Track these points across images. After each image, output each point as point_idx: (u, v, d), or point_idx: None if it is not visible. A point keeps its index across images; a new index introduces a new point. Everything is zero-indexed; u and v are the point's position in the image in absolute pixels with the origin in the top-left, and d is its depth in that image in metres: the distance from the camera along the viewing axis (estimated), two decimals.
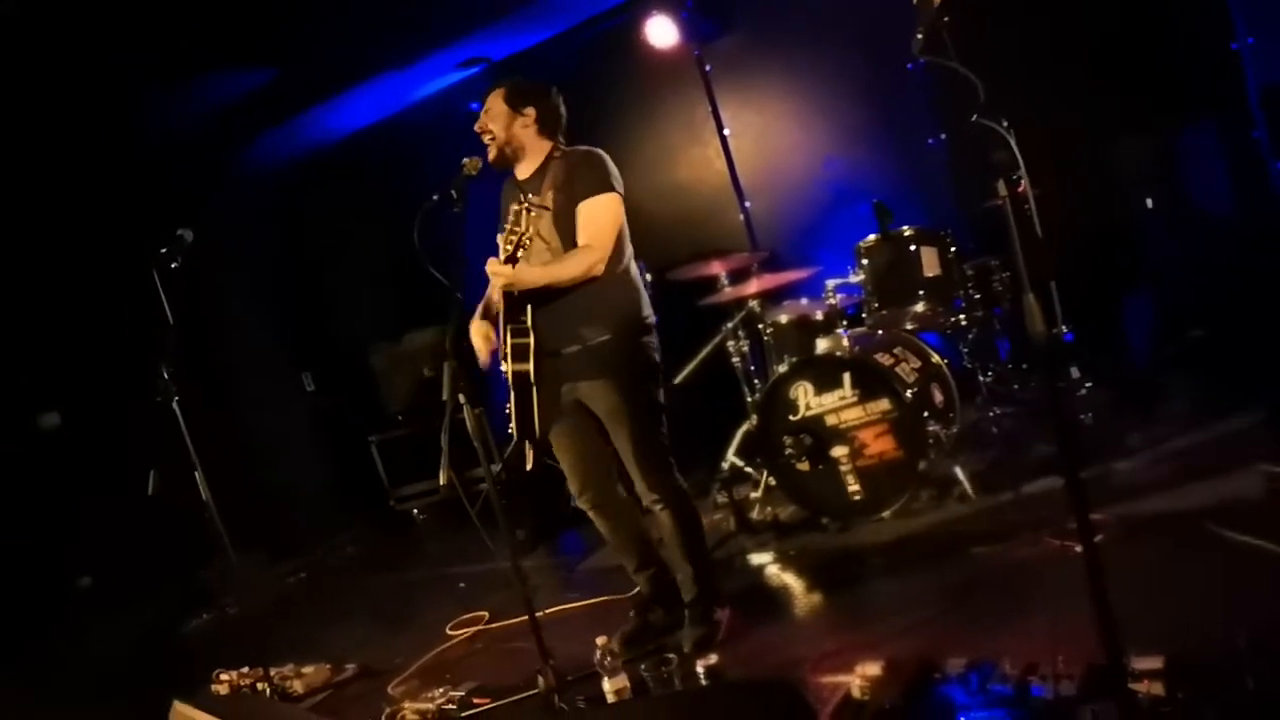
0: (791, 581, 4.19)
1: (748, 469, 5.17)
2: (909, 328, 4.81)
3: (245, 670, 4.46)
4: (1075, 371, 4.97)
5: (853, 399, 4.39)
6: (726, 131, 6.38)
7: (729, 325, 5.23)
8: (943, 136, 5.76)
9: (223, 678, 4.49)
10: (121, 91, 5.56)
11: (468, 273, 3.76)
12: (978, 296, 4.85)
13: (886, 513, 4.37)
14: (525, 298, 3.39)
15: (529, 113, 3.57)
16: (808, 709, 2.64)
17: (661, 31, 6.00)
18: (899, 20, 3.29)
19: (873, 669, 2.91)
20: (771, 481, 4.79)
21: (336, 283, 7.82)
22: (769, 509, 4.85)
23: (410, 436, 6.55)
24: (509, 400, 3.59)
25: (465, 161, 3.40)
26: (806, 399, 4.48)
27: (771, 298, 5.25)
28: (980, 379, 5.04)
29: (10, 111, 5.30)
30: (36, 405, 6.25)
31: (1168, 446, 4.18)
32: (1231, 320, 4.77)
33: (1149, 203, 5.29)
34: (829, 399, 4.43)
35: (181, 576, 6.11)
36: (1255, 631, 2.51)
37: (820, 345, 4.71)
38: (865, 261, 4.83)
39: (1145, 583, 2.99)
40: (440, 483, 3.17)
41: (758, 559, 4.47)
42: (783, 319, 4.95)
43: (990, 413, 4.93)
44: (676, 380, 5.60)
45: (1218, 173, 5.16)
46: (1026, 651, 2.77)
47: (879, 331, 4.82)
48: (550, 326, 3.45)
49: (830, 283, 4.85)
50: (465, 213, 3.23)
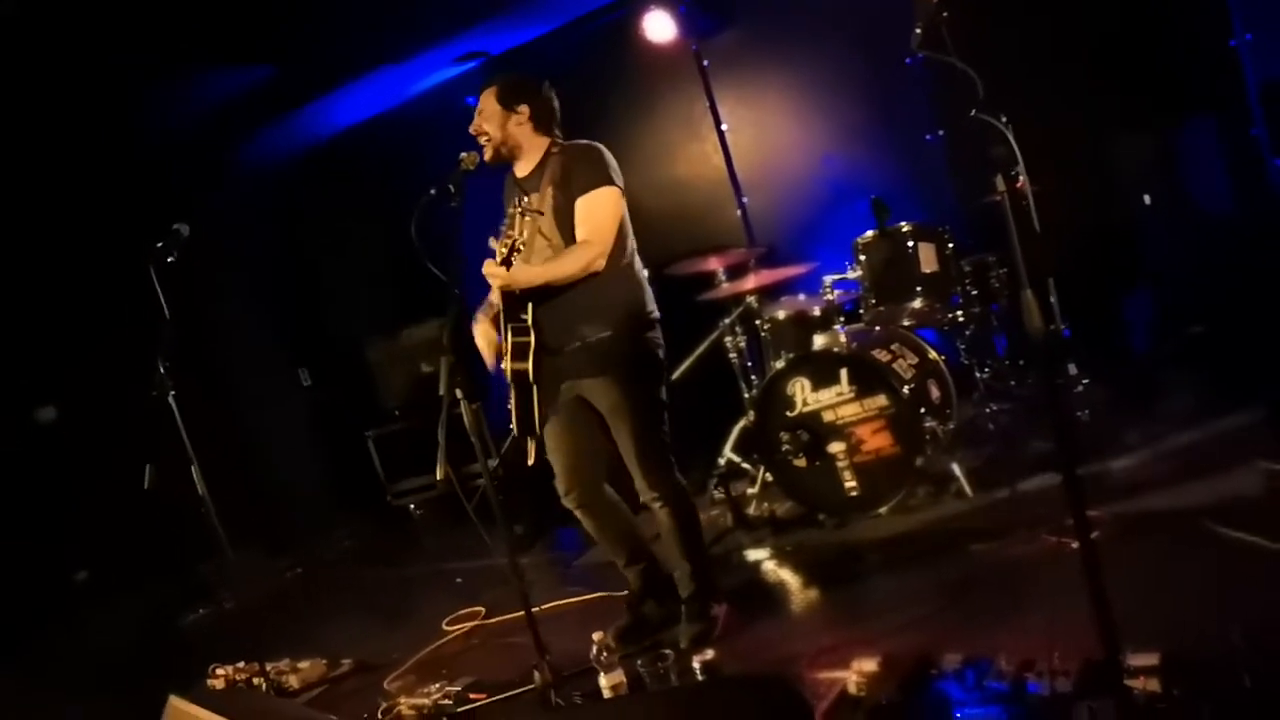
0: (788, 577, 4.19)
1: (745, 465, 5.18)
2: (906, 324, 4.81)
3: (241, 665, 4.46)
4: (1073, 368, 4.98)
5: (850, 395, 4.39)
6: (724, 127, 6.37)
7: (726, 321, 5.23)
8: (941, 133, 5.75)
9: (219, 672, 4.49)
10: (119, 88, 5.54)
11: (465, 268, 3.77)
12: (975, 293, 4.86)
13: (883, 509, 4.37)
14: (526, 296, 3.38)
15: (523, 110, 3.55)
16: (804, 705, 2.64)
17: (659, 27, 5.98)
18: (897, 16, 3.30)
19: (869, 665, 2.91)
20: (768, 477, 4.80)
21: (334, 278, 7.81)
22: (766, 505, 4.85)
23: (407, 432, 6.55)
24: (510, 397, 3.59)
25: (463, 156, 3.40)
26: (804, 395, 4.48)
27: (769, 294, 5.25)
28: (977, 375, 5.04)
29: (8, 108, 5.29)
30: (33, 399, 6.24)
31: (1165, 443, 4.18)
32: (1230, 317, 4.77)
33: (1146, 199, 5.29)
34: (826, 395, 4.43)
35: (178, 571, 6.10)
36: (1252, 628, 2.52)
37: (817, 341, 4.71)
38: (863, 257, 4.83)
39: (1142, 580, 2.99)
40: (437, 478, 3.18)
41: (754, 555, 4.47)
42: (780, 315, 4.94)
43: (987, 409, 4.93)
44: (674, 376, 5.60)
45: (1216, 170, 5.15)
46: (1023, 648, 2.77)
47: (876, 328, 4.82)
48: (552, 324, 3.44)
49: (828, 279, 4.85)
50: (463, 207, 3.22)
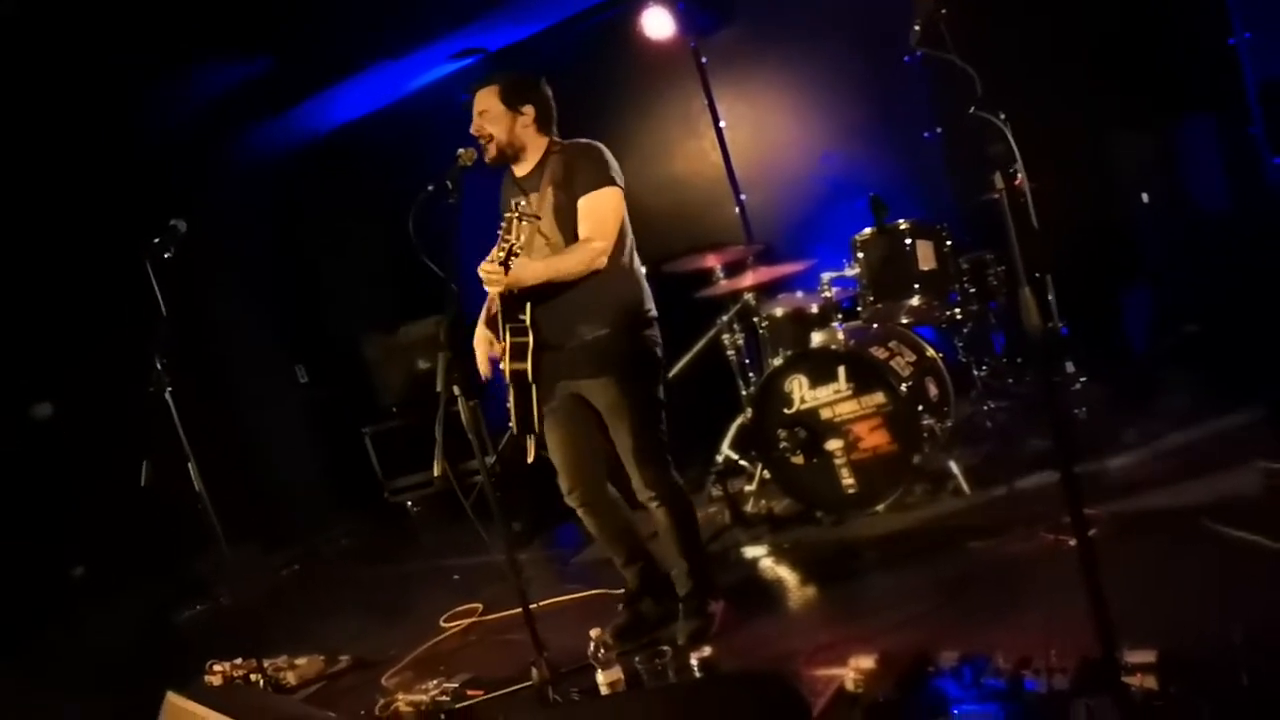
0: (786, 575, 4.19)
1: (742, 462, 5.17)
2: (904, 321, 4.81)
3: (238, 661, 4.45)
4: (1070, 366, 4.98)
5: (847, 392, 4.38)
6: (722, 124, 6.36)
7: (724, 318, 5.23)
8: (939, 130, 5.75)
9: (216, 669, 4.49)
10: (116, 82, 5.52)
11: (463, 264, 3.76)
12: (973, 290, 4.86)
13: (881, 506, 4.37)
14: (524, 296, 3.37)
15: (527, 111, 3.52)
16: (801, 702, 2.64)
17: (657, 23, 5.97)
18: (896, 13, 3.29)
19: (866, 662, 2.91)
20: (766, 475, 4.80)
21: (331, 274, 7.79)
22: (763, 502, 4.85)
23: (404, 428, 6.54)
24: (509, 395, 3.58)
25: (460, 152, 3.39)
26: (801, 392, 4.48)
27: (767, 291, 5.25)
28: (975, 373, 5.04)
29: (3, 102, 5.27)
30: (30, 396, 6.23)
31: (1163, 442, 4.18)
32: (1228, 315, 4.77)
33: (1144, 198, 5.29)
34: (824, 392, 4.43)
35: (175, 567, 6.09)
36: (1249, 626, 2.51)
37: (815, 339, 4.71)
38: (861, 255, 4.83)
39: (1139, 577, 3.00)
40: (434, 475, 3.17)
41: (752, 552, 4.47)
42: (778, 312, 4.94)
43: (985, 407, 4.93)
44: (671, 374, 5.60)
45: (1215, 168, 5.15)
46: (1020, 645, 2.77)
47: (874, 325, 4.82)
48: (550, 322, 3.44)
49: (825, 276, 4.84)
50: (460, 204, 3.22)
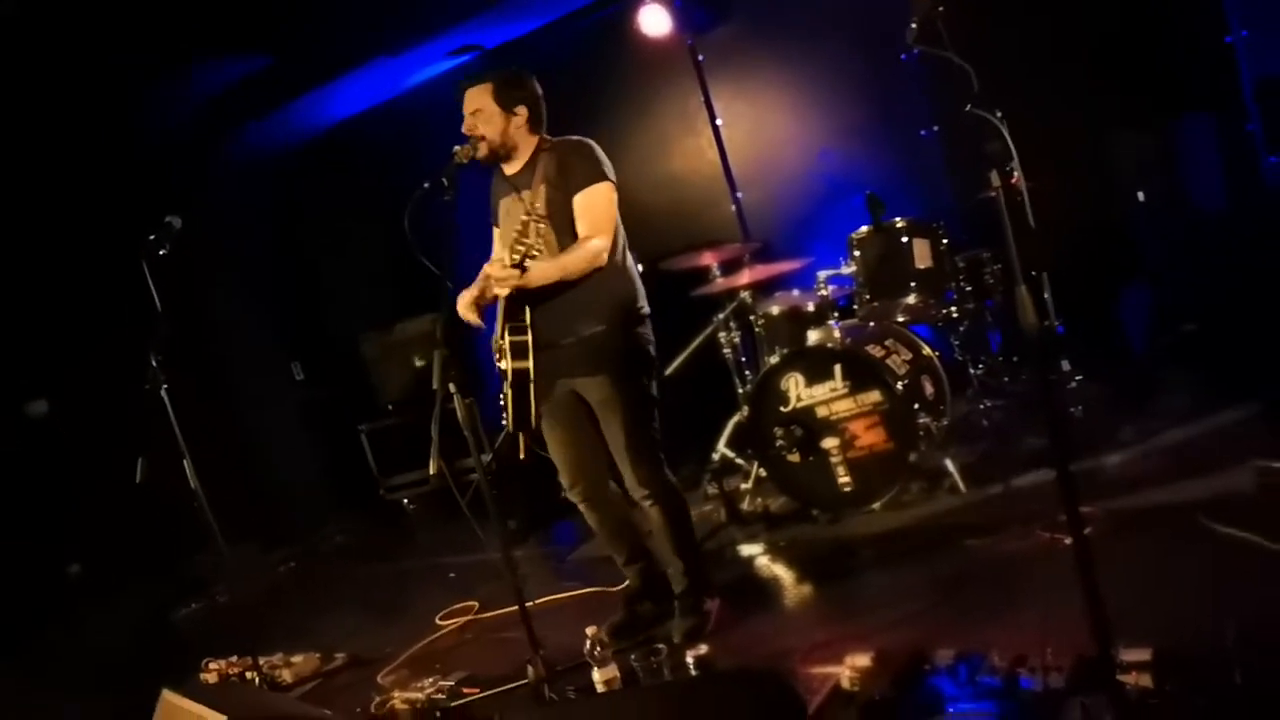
0: (781, 573, 4.19)
1: (738, 460, 5.18)
2: (901, 320, 4.81)
3: (234, 659, 4.45)
4: (1066, 365, 4.98)
5: (843, 391, 4.39)
6: (719, 122, 6.36)
7: (720, 316, 5.23)
8: (936, 128, 5.75)
9: (212, 666, 4.49)
10: (113, 80, 5.52)
11: (458, 261, 3.75)
12: (969, 289, 4.87)
13: (877, 504, 4.37)
14: (527, 296, 3.36)
15: (521, 112, 3.51)
16: (797, 700, 2.64)
17: (654, 21, 5.97)
18: (893, 10, 3.29)
19: (862, 660, 2.92)
20: (762, 473, 4.80)
21: (328, 271, 7.79)
22: (759, 500, 4.85)
23: (400, 426, 6.53)
24: (502, 391, 3.58)
25: (456, 150, 3.39)
26: (797, 390, 4.48)
27: (763, 289, 5.24)
28: (971, 371, 5.05)
29: (2, 101, 5.26)
30: (25, 393, 6.22)
31: (1159, 440, 4.19)
32: (1225, 314, 4.77)
33: (1141, 196, 5.29)
34: (820, 390, 4.43)
35: (171, 565, 6.09)
36: (1244, 624, 2.52)
37: (811, 337, 4.71)
38: (857, 253, 4.83)
39: (1135, 575, 3.00)
40: (430, 472, 3.17)
41: (748, 550, 4.47)
42: (774, 310, 4.93)
43: (981, 405, 4.94)
44: (668, 371, 5.59)
45: (1212, 166, 5.15)
46: (1016, 643, 2.77)
47: (870, 323, 4.82)
48: (547, 320, 3.43)
49: (822, 274, 4.84)
50: (456, 201, 3.21)
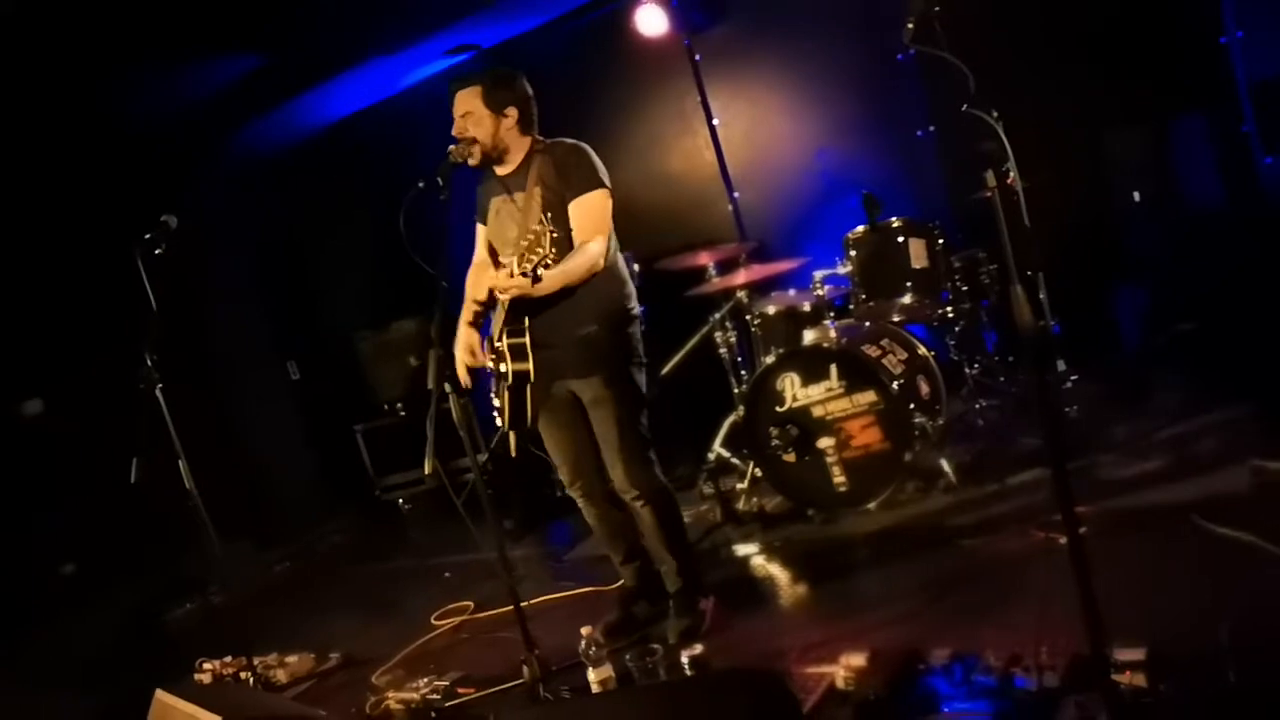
0: (777, 572, 4.19)
1: (734, 460, 5.17)
2: (896, 319, 4.81)
3: (229, 659, 4.45)
4: (1062, 364, 4.99)
5: (839, 390, 4.39)
6: (716, 122, 6.36)
7: (716, 316, 5.22)
8: (932, 128, 5.75)
9: (206, 667, 4.48)
10: (109, 79, 5.50)
11: (453, 260, 3.75)
12: (965, 289, 4.87)
13: (872, 504, 4.37)
14: (528, 303, 3.34)
15: (511, 113, 3.50)
16: (792, 699, 2.64)
17: (651, 20, 5.97)
18: (890, 10, 3.29)
19: (857, 660, 2.92)
20: (758, 473, 4.79)
21: (322, 270, 7.78)
22: (755, 500, 4.85)
23: (396, 426, 6.53)
24: (496, 391, 3.58)
25: (452, 149, 3.40)
26: (793, 390, 4.48)
27: (759, 289, 5.24)
28: (967, 371, 5.04)
29: None
30: (19, 392, 6.20)
31: (1154, 440, 4.19)
32: (1220, 314, 4.78)
33: (1136, 196, 5.30)
34: (816, 390, 4.43)
35: (165, 565, 6.07)
36: (1237, 624, 2.52)
37: (807, 337, 4.71)
38: (853, 253, 4.83)
39: (1129, 575, 3.01)
40: (426, 472, 3.16)
41: (743, 550, 4.47)
42: (770, 310, 4.94)
43: (976, 405, 4.94)
44: (664, 371, 5.60)
45: (1207, 167, 5.16)
46: (1010, 643, 2.78)
47: (866, 323, 4.82)
48: (541, 322, 3.43)
49: (818, 274, 4.84)
50: (451, 200, 3.21)
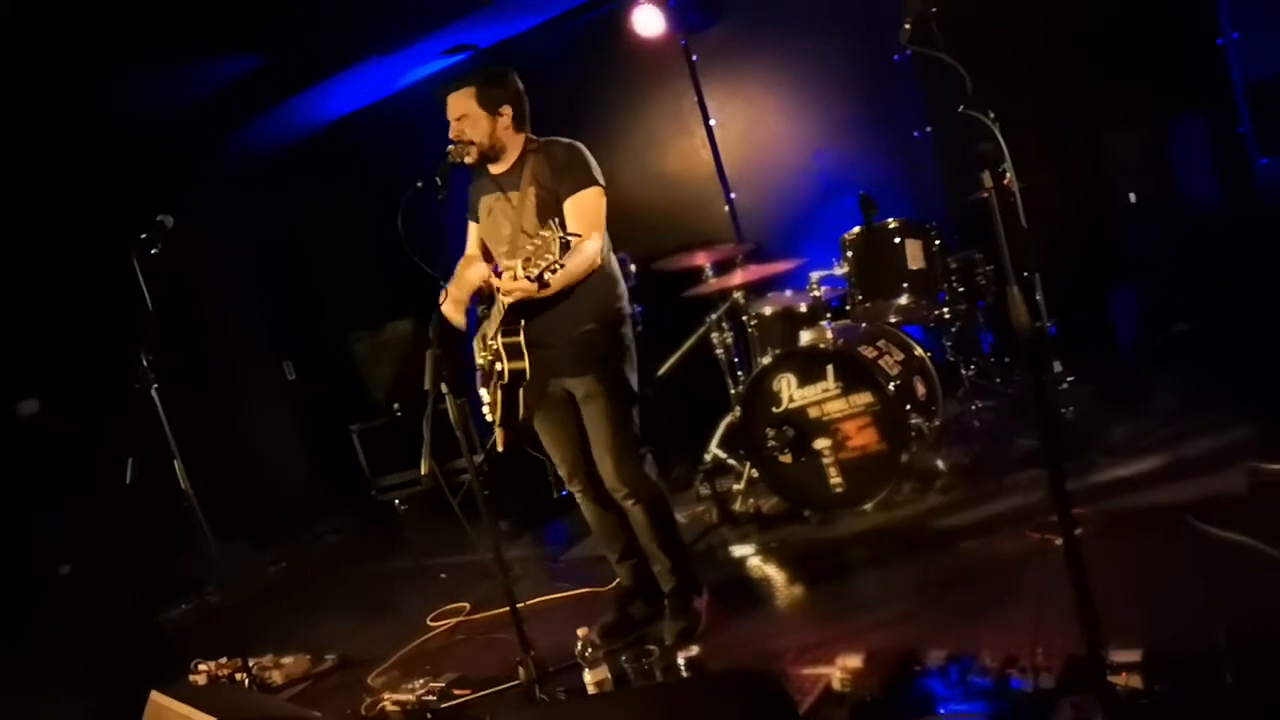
0: (773, 573, 4.19)
1: (730, 461, 5.17)
2: (893, 320, 4.82)
3: (224, 660, 4.44)
4: (1058, 365, 4.99)
5: (836, 391, 4.39)
6: (712, 122, 6.36)
7: (713, 317, 5.22)
8: (928, 129, 5.76)
9: (201, 668, 4.47)
10: (109, 78, 5.49)
11: (451, 261, 3.75)
12: (961, 290, 4.88)
13: (868, 505, 4.37)
14: (526, 304, 3.34)
15: (506, 112, 3.51)
16: (788, 700, 2.64)
17: (648, 21, 5.96)
18: (886, 11, 3.29)
19: (853, 661, 2.92)
20: (754, 473, 4.79)
21: (320, 271, 7.77)
22: (751, 501, 4.85)
23: (392, 426, 6.52)
24: (488, 389, 3.58)
25: (449, 149, 3.39)
26: (790, 391, 4.48)
27: (756, 289, 5.24)
28: (963, 372, 5.05)
29: None
30: (14, 392, 6.19)
31: (1151, 441, 4.19)
32: (1216, 315, 4.78)
33: (1132, 197, 5.30)
34: (812, 391, 4.43)
35: (161, 565, 6.06)
36: (1233, 626, 2.52)
37: (804, 337, 4.71)
38: (850, 254, 4.83)
39: (1125, 576, 3.01)
40: (422, 472, 3.16)
41: (740, 551, 4.47)
42: (767, 311, 4.94)
43: (972, 406, 4.94)
44: (660, 371, 5.60)
45: (1203, 168, 5.17)
46: (1006, 644, 2.78)
47: (863, 324, 4.82)
48: (536, 321, 3.43)
49: (815, 275, 4.85)
50: (449, 200, 3.20)
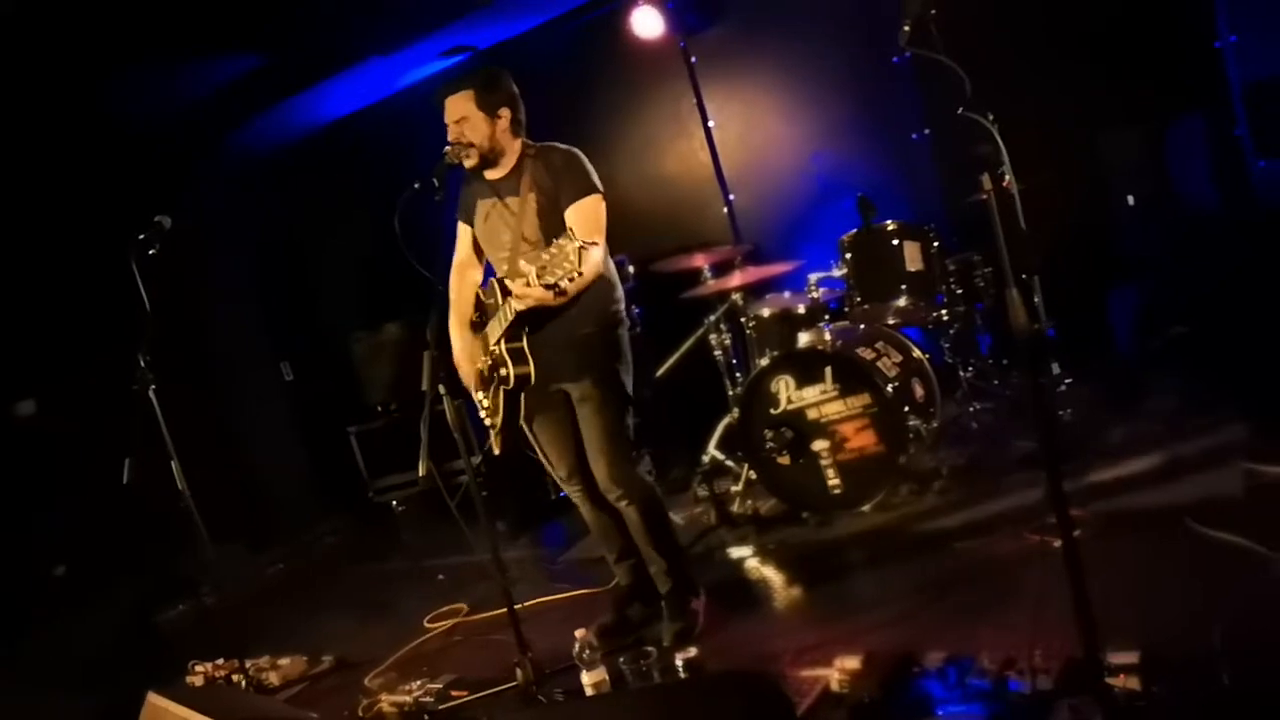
0: (771, 575, 4.19)
1: (729, 462, 5.17)
2: (891, 322, 4.82)
3: (221, 662, 4.43)
4: (1056, 367, 5.00)
5: (834, 393, 4.39)
6: (711, 124, 6.35)
7: (711, 318, 5.22)
8: (927, 131, 5.76)
9: (198, 669, 4.47)
10: (109, 78, 5.49)
11: (449, 262, 3.75)
12: (959, 291, 4.88)
13: (866, 507, 4.37)
14: (532, 312, 3.32)
15: (504, 114, 3.50)
16: (786, 702, 2.64)
17: (647, 22, 5.95)
18: (885, 13, 3.29)
19: (852, 662, 2.92)
20: (752, 475, 4.79)
21: (318, 272, 7.77)
22: (749, 502, 4.85)
23: (389, 427, 6.51)
24: (486, 393, 3.58)
25: (447, 150, 3.39)
26: (788, 393, 4.48)
27: (754, 291, 5.24)
28: (961, 374, 5.05)
29: None
30: (12, 393, 6.18)
31: (1148, 443, 4.19)
32: (1214, 317, 4.78)
33: (1130, 200, 5.31)
34: (810, 393, 4.43)
35: (158, 566, 6.05)
36: (1231, 627, 2.53)
37: (802, 339, 4.71)
38: (848, 255, 4.83)
39: (1123, 578, 3.01)
40: (420, 474, 3.16)
41: (738, 552, 4.47)
42: (765, 312, 4.94)
43: (970, 408, 4.94)
44: (659, 373, 5.60)
45: (1201, 170, 5.17)
46: (1005, 646, 2.78)
47: (861, 326, 4.82)
48: (536, 326, 3.43)
49: (813, 277, 4.85)
50: (446, 201, 3.20)
